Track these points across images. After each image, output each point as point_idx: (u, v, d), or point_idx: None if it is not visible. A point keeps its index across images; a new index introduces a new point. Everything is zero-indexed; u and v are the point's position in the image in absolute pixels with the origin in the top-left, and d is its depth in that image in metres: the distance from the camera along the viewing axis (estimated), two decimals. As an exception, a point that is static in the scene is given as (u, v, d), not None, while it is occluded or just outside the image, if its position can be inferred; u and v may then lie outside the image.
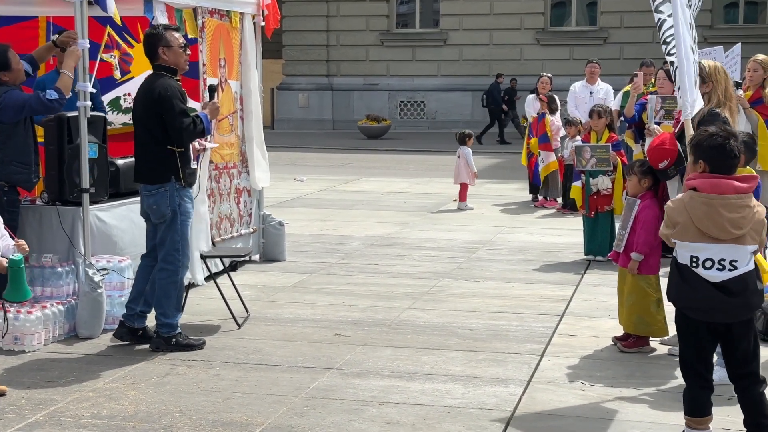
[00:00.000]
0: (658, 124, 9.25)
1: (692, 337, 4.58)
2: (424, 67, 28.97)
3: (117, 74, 8.97)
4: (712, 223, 4.41)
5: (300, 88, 30.01)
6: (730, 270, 4.43)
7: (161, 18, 7.26)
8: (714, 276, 4.44)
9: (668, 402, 5.42)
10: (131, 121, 7.01)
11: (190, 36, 7.89)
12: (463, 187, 13.37)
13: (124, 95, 9.05)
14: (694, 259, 4.46)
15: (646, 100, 9.80)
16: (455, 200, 14.13)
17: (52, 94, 6.61)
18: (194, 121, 6.39)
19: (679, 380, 5.78)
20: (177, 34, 6.55)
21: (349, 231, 11.37)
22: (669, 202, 4.67)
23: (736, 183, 4.45)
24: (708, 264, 4.44)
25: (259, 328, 7.01)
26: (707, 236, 4.43)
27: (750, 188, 4.47)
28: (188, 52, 6.60)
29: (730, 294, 4.43)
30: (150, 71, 6.58)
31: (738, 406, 4.72)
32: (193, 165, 6.63)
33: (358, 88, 29.64)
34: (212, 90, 6.86)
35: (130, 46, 8.91)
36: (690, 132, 5.62)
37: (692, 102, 5.75)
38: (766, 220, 4.54)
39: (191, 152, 6.56)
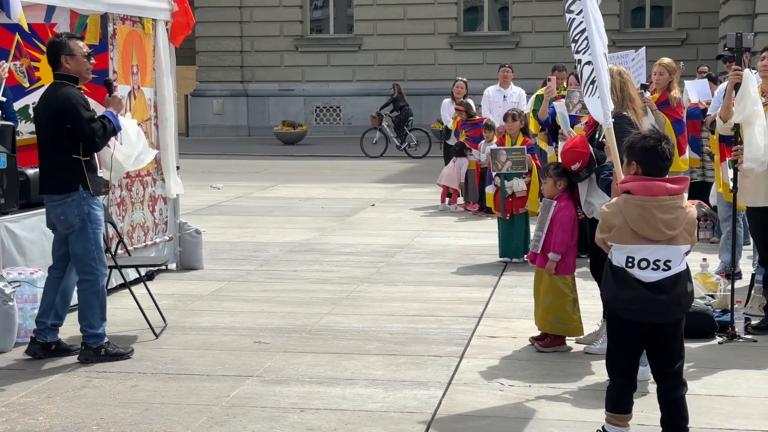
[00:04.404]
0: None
1: (623, 337, 4.65)
2: (339, 72, 29.02)
3: (25, 83, 8.77)
4: (646, 225, 4.50)
5: (214, 95, 29.78)
6: (664, 270, 4.52)
7: (63, 25, 7.12)
8: (648, 276, 4.52)
9: (585, 400, 5.52)
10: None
11: (90, 43, 7.77)
12: (453, 191, 13.65)
13: (33, 104, 8.85)
14: (630, 260, 4.53)
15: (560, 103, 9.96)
16: (372, 204, 14.19)
17: None
18: (103, 124, 6.31)
19: (595, 377, 5.90)
20: (81, 43, 6.47)
21: (267, 238, 11.31)
22: (604, 206, 4.74)
23: (669, 185, 4.54)
24: (643, 264, 4.52)
25: (178, 338, 6.93)
26: (642, 238, 4.51)
27: (681, 189, 4.57)
28: (93, 60, 6.51)
29: (663, 293, 4.51)
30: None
31: (652, 402, 4.83)
32: (100, 173, 6.54)
33: (273, 94, 29.54)
34: (109, 84, 6.76)
35: (41, 52, 8.72)
36: (612, 139, 5.73)
37: (610, 110, 5.85)
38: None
39: (97, 160, 6.48)
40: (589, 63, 5.82)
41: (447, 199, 13.71)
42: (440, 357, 6.41)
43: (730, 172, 7.26)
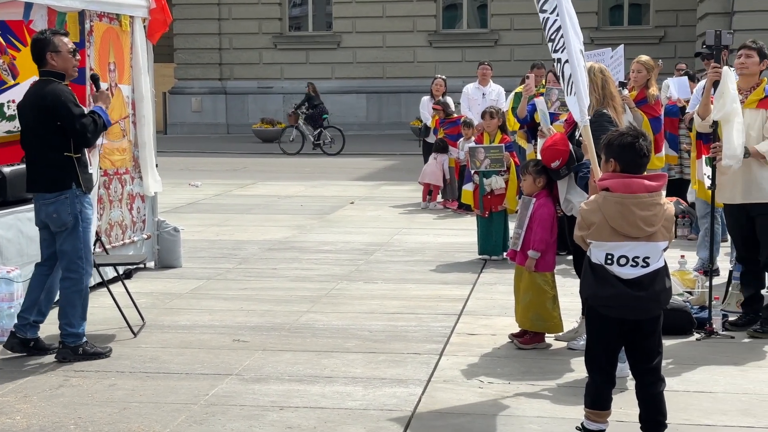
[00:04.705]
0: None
1: (602, 334, 4.67)
2: (318, 69, 28.96)
3: (9, 79, 8.69)
4: (625, 222, 4.52)
5: (193, 92, 29.66)
6: (643, 266, 4.55)
7: (41, 22, 7.06)
8: (628, 273, 4.55)
9: (564, 396, 5.53)
10: (17, 129, 6.79)
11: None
12: (434, 188, 13.65)
13: (8, 102, 8.77)
14: (609, 257, 4.56)
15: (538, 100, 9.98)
16: (352, 202, 14.18)
17: None
18: (93, 120, 6.27)
19: (574, 374, 5.92)
20: (66, 39, 6.41)
21: (246, 236, 11.28)
22: (583, 204, 4.76)
23: (647, 182, 4.57)
24: (622, 261, 4.55)
25: (156, 336, 6.90)
26: (621, 235, 4.53)
27: (659, 186, 4.61)
28: (78, 57, 6.46)
29: (641, 290, 4.54)
30: (36, 77, 6.40)
31: (630, 398, 4.85)
32: (90, 170, 6.50)
33: (252, 92, 29.45)
34: (95, 79, 6.71)
35: (17, 50, 8.65)
36: (588, 137, 5.74)
37: (588, 108, 5.86)
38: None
39: (87, 157, 6.44)
40: (568, 62, 5.82)
41: (428, 197, 13.72)
42: (420, 354, 6.41)
43: (707, 169, 7.29)
